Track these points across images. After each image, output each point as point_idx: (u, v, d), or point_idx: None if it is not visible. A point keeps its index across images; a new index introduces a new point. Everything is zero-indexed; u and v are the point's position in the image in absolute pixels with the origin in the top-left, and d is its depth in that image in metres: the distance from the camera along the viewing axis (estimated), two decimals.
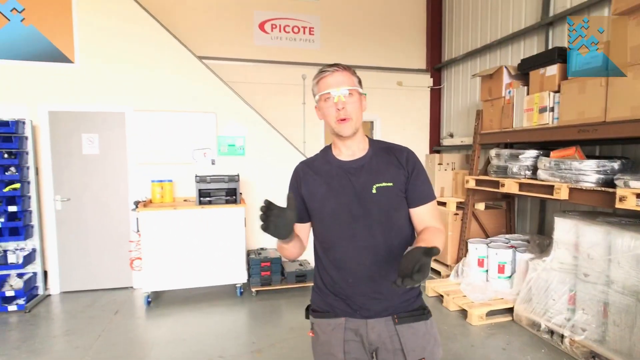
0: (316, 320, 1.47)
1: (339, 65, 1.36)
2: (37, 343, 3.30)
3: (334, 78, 1.32)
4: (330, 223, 1.38)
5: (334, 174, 1.40)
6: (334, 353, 1.39)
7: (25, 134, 4.07)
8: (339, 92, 1.31)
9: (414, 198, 1.39)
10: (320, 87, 1.35)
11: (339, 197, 1.37)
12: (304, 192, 1.43)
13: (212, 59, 5.23)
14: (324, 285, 1.44)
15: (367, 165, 1.39)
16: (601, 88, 2.95)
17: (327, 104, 1.34)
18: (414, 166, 1.40)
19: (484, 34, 5.27)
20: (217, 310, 3.98)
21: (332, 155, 1.44)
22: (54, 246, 4.38)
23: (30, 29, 4.18)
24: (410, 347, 1.36)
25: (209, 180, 4.19)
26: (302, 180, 1.45)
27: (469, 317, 3.62)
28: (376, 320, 1.38)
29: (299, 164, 1.52)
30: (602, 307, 2.91)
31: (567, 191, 3.11)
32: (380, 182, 1.35)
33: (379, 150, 1.43)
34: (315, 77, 1.38)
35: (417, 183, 1.39)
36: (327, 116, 1.36)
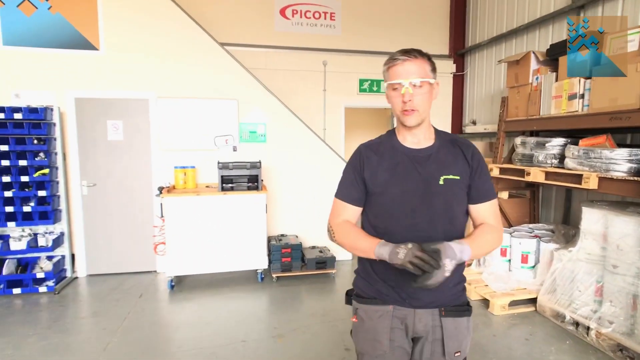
0: (361, 305, 1.45)
1: (412, 52, 1.30)
2: (67, 323, 3.42)
3: (405, 67, 1.28)
4: (391, 209, 1.35)
5: (399, 160, 1.37)
6: (380, 340, 1.39)
7: (54, 120, 4.16)
8: (407, 83, 1.27)
9: (477, 195, 1.39)
10: (389, 74, 1.32)
11: (403, 184, 1.34)
12: (366, 176, 1.39)
13: (233, 45, 5.23)
14: (374, 271, 1.42)
15: (435, 155, 1.37)
16: (637, 74, 2.84)
17: (395, 93, 1.31)
18: (479, 163, 1.39)
19: (510, 18, 5.11)
20: (238, 295, 4.05)
21: (397, 140, 1.41)
22: (81, 230, 4.51)
23: (57, 17, 4.23)
24: (449, 340, 1.37)
25: (231, 166, 4.22)
26: (365, 162, 1.40)
27: (491, 306, 3.59)
28: (424, 311, 1.38)
29: (362, 146, 1.47)
30: (632, 300, 2.85)
31: (596, 180, 3.03)
32: (448, 174, 1.34)
33: (445, 142, 1.41)
34: (386, 63, 1.33)
35: (481, 181, 1.38)
36: (394, 105, 1.34)
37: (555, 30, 4.40)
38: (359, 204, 1.43)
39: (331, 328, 3.34)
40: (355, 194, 1.42)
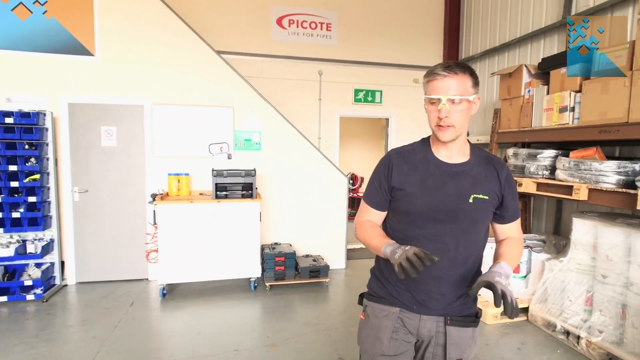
0: (371, 303, 1.49)
1: (453, 68, 1.28)
2: (55, 332, 3.35)
3: (444, 83, 1.27)
4: (416, 219, 1.35)
5: (432, 172, 1.37)
6: (381, 338, 1.43)
7: (46, 125, 4.12)
8: (445, 100, 1.26)
9: (507, 216, 1.43)
10: (428, 88, 1.31)
11: (431, 196, 1.34)
12: (395, 182, 1.39)
13: (229, 53, 5.26)
14: (389, 273, 1.44)
15: (469, 172, 1.37)
16: (625, 88, 2.92)
17: (432, 107, 1.31)
18: (511, 185, 1.41)
19: (503, 32, 5.22)
20: (231, 304, 4.01)
21: (431, 151, 1.41)
22: (71, 237, 4.44)
23: (52, 22, 4.22)
24: (451, 347, 1.39)
25: (226, 174, 4.21)
26: (394, 169, 1.40)
27: (483, 315, 3.61)
28: (430, 318, 1.40)
29: (392, 152, 1.46)
30: (621, 309, 2.89)
31: (586, 192, 3.09)
32: (479, 193, 1.35)
33: (480, 159, 1.41)
34: (426, 76, 1.33)
35: (511, 203, 1.41)
36: (430, 118, 1.34)
37: (546, 44, 4.50)
38: (381, 209, 1.46)
39: (324, 337, 3.32)
40: (377, 199, 1.45)
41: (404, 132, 6.18)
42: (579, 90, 3.34)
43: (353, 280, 4.80)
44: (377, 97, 6.00)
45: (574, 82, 3.37)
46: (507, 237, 1.45)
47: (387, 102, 6.06)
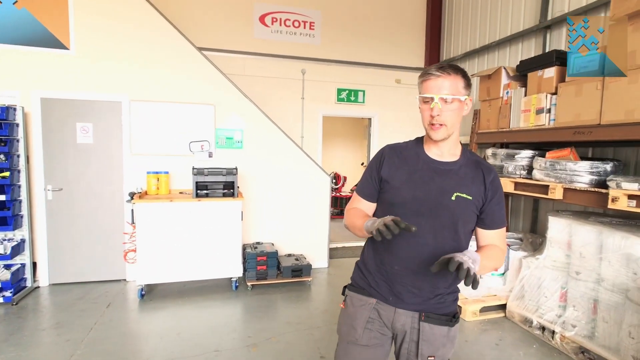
0: (351, 293, 1.55)
1: (447, 69, 1.33)
2: (26, 336, 3.22)
3: (437, 83, 1.32)
4: (399, 210, 1.38)
5: (419, 167, 1.42)
6: (355, 327, 1.47)
7: (17, 120, 3.96)
8: (437, 99, 1.30)
9: (491, 222, 1.44)
10: (422, 88, 1.36)
11: (416, 189, 1.39)
12: (383, 175, 1.45)
13: (211, 50, 5.19)
14: (371, 264, 1.49)
15: (455, 171, 1.41)
16: (597, 91, 3.02)
17: (425, 106, 1.36)
18: (497, 190, 1.43)
19: (482, 34, 5.33)
20: (212, 304, 3.95)
21: (423, 149, 1.46)
22: (44, 237, 4.28)
23: (23, 12, 4.05)
24: (424, 343, 1.41)
25: (207, 172, 4.15)
26: (385, 161, 1.47)
27: (462, 313, 3.68)
28: (404, 312, 1.42)
29: (386, 146, 1.53)
30: (592, 304, 3.00)
31: (561, 191, 3.19)
32: (462, 193, 1.38)
33: (469, 162, 1.45)
34: (421, 76, 1.38)
35: (497, 208, 1.43)
36: (423, 117, 1.39)
37: (524, 47, 4.63)
38: (371, 200, 1.51)
39: (306, 336, 3.31)
40: (368, 190, 1.51)
41: (387, 132, 6.24)
42: (554, 93, 3.44)
43: (335, 279, 4.81)
44: (360, 96, 6.03)
45: (550, 84, 3.48)
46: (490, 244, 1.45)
47: (370, 102, 6.10)
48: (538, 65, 3.65)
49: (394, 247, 1.41)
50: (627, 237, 2.76)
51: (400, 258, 1.40)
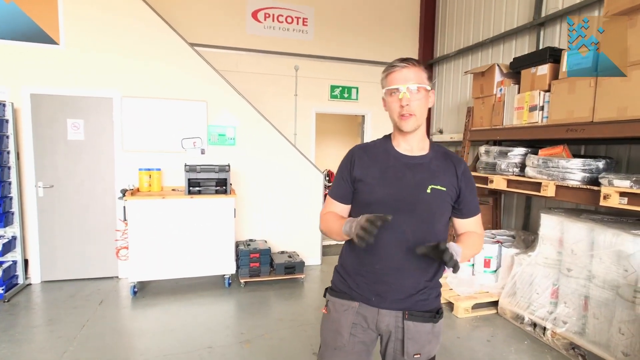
0: (332, 298, 1.52)
1: (410, 60, 1.36)
2: (18, 333, 3.21)
3: (402, 74, 1.34)
4: (375, 210, 1.36)
5: (391, 164, 1.42)
6: (341, 332, 1.45)
7: (6, 116, 3.91)
8: (405, 88, 1.32)
9: (467, 211, 1.46)
10: (388, 81, 1.37)
11: (390, 187, 1.39)
12: (356, 175, 1.44)
13: (203, 46, 5.14)
14: (351, 266, 1.48)
15: (427, 164, 1.43)
16: (590, 89, 3.02)
17: (393, 98, 1.36)
18: (469, 180, 1.46)
19: (476, 31, 5.32)
20: (204, 301, 3.95)
21: (392, 145, 1.47)
22: (35, 234, 4.25)
23: (11, 7, 3.99)
24: (409, 341, 1.41)
25: (199, 169, 4.13)
26: (356, 162, 1.46)
27: (455, 309, 3.69)
28: (388, 312, 1.42)
29: (355, 147, 1.53)
30: (583, 301, 3.02)
31: (554, 188, 3.20)
32: (436, 185, 1.39)
33: (438, 154, 1.47)
34: (385, 70, 1.39)
35: (470, 196, 1.46)
36: (391, 110, 1.38)
37: (518, 44, 4.62)
38: (345, 201, 1.50)
39: (299, 333, 3.32)
40: (341, 192, 1.50)
41: (380, 129, 6.22)
42: (548, 90, 3.44)
43: (328, 276, 4.80)
44: (354, 93, 6.02)
45: (544, 82, 3.47)
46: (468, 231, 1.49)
47: (363, 99, 6.08)
48: (532, 63, 3.64)
49: (373, 246, 1.39)
50: (618, 235, 2.78)
51: (380, 257, 1.39)
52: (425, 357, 1.43)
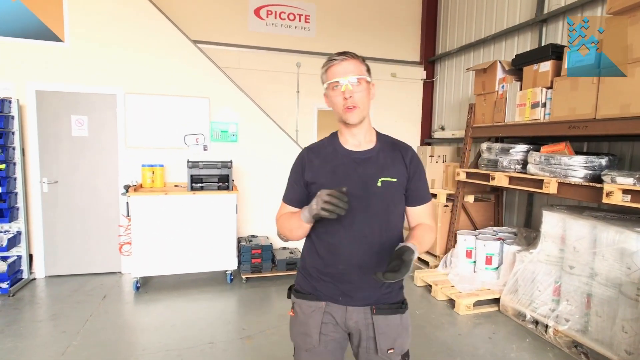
0: (298, 300, 1.49)
1: (348, 53, 1.36)
2: (22, 327, 3.24)
3: (342, 67, 1.33)
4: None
5: (340, 162, 1.41)
6: (310, 334, 1.43)
7: (12, 113, 3.95)
8: (346, 80, 1.31)
9: (415, 198, 1.44)
10: (328, 75, 1.36)
11: (342, 185, 1.35)
12: (308, 177, 1.43)
13: (205, 43, 5.16)
14: (313, 268, 1.46)
15: (375, 157, 1.41)
16: (593, 85, 3.01)
17: (335, 92, 1.35)
18: (417, 167, 1.44)
19: (478, 28, 5.30)
20: (206, 297, 3.97)
21: (339, 143, 1.45)
22: (40, 229, 4.29)
23: (17, 5, 4.02)
24: (382, 337, 1.40)
25: (202, 166, 4.14)
26: (306, 165, 1.45)
27: (456, 306, 3.69)
28: (355, 309, 1.41)
29: (304, 150, 1.52)
30: (586, 299, 3.00)
31: (556, 185, 3.19)
32: (386, 177, 1.38)
33: (385, 145, 1.46)
34: (324, 65, 1.38)
35: (419, 184, 1.44)
36: (335, 104, 1.37)
37: (520, 41, 4.60)
38: (299, 205, 1.46)
39: None
40: (294, 196, 1.48)
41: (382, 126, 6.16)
42: (550, 87, 3.43)
43: None
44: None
45: (546, 79, 3.46)
46: (420, 222, 1.46)
47: None
48: (534, 59, 3.63)
49: (332, 247, 1.39)
50: (621, 232, 2.76)
51: (342, 256, 1.38)
52: (398, 352, 1.43)
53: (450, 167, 5.03)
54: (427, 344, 3.11)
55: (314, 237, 1.44)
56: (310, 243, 1.48)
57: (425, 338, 3.20)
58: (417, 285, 4.29)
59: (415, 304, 3.83)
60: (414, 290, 4.18)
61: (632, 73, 2.72)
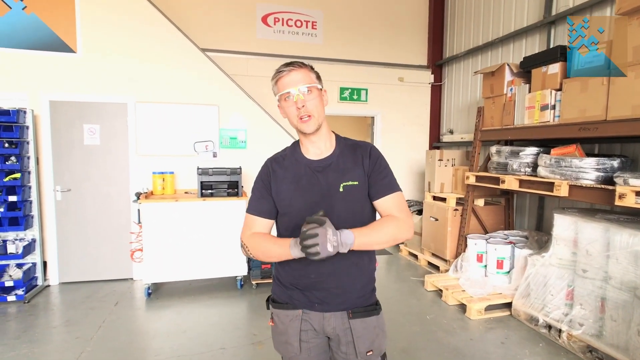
0: (275, 310, 1.50)
1: (295, 63, 1.36)
2: (37, 333, 3.29)
3: (291, 77, 1.33)
4: (298, 221, 1.31)
5: (303, 172, 1.41)
6: (291, 342, 1.44)
7: (27, 123, 4.04)
8: (297, 90, 1.31)
9: (376, 191, 1.41)
10: (279, 87, 1.35)
11: (306, 195, 1.38)
12: (272, 188, 1.43)
13: (214, 51, 5.23)
14: (286, 279, 1.46)
15: (335, 164, 1.41)
16: (603, 87, 2.98)
17: (288, 103, 1.34)
18: (376, 161, 1.42)
19: (486, 31, 5.29)
20: (217, 303, 3.99)
21: (301, 153, 1.45)
22: (54, 237, 4.37)
23: (32, 17, 4.14)
24: (360, 340, 1.41)
25: (211, 172, 4.19)
26: (271, 176, 1.44)
27: (467, 311, 3.66)
28: (332, 314, 1.42)
29: (268, 161, 1.50)
30: (600, 303, 2.96)
31: (567, 188, 3.16)
32: (347, 181, 1.38)
33: (345, 148, 1.45)
34: (273, 77, 1.37)
35: (378, 177, 1.41)
36: (289, 115, 1.36)
37: (528, 43, 4.58)
38: (269, 217, 1.45)
39: None
40: (263, 207, 1.44)
41: (390, 130, 6.23)
42: (559, 89, 3.40)
43: None
44: (363, 95, 6.03)
45: (555, 81, 3.44)
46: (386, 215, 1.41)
47: (373, 100, 6.09)
48: (542, 61, 3.61)
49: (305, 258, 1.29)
50: (635, 235, 2.72)
51: (314, 266, 1.37)
52: (377, 353, 1.44)
53: (460, 170, 5.01)
54: (439, 349, 3.08)
55: None
56: None
57: (437, 343, 3.17)
58: (428, 290, 4.27)
59: (426, 309, 3.81)
60: (424, 295, 4.15)
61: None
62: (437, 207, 4.99)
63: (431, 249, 5.13)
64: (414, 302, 3.98)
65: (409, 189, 6.41)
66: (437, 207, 4.99)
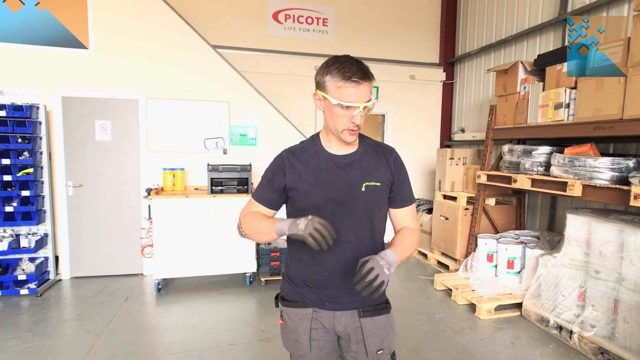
0: (285, 308, 1.49)
1: (367, 75, 1.26)
2: (49, 327, 3.34)
3: (359, 90, 1.24)
4: (314, 214, 1.26)
5: (323, 166, 1.37)
6: (301, 341, 1.44)
7: (39, 119, 4.09)
8: (362, 107, 1.25)
9: (399, 200, 1.44)
10: (342, 93, 1.24)
11: (326, 190, 1.35)
12: (288, 181, 1.38)
13: (225, 48, 5.24)
14: (298, 276, 1.45)
15: (358, 162, 1.39)
16: (619, 85, 2.93)
17: (344, 112, 1.27)
18: (400, 169, 1.44)
19: (499, 28, 5.23)
20: (226, 299, 4.01)
21: (322, 146, 1.41)
22: (65, 231, 4.42)
23: (44, 14, 4.17)
24: (371, 339, 1.41)
25: (221, 169, 4.20)
26: (287, 169, 1.39)
27: (477, 311, 3.63)
28: (343, 313, 1.41)
29: (285, 151, 1.45)
30: (613, 304, 2.92)
31: (580, 188, 3.11)
32: (370, 181, 1.37)
33: (368, 148, 1.44)
34: (341, 79, 1.24)
35: (402, 187, 1.44)
36: (337, 122, 1.30)
37: (542, 41, 4.51)
38: (271, 207, 1.43)
39: None
40: (267, 196, 1.42)
41: (400, 128, 6.19)
42: (574, 87, 3.35)
43: None
44: (374, 93, 5.99)
45: (570, 79, 3.38)
46: (404, 225, 1.46)
47: (384, 98, 6.05)
48: (557, 59, 3.55)
49: (316, 254, 1.32)
50: None
51: (327, 264, 1.37)
52: (387, 352, 1.44)
53: (471, 169, 4.96)
54: (448, 348, 3.07)
55: (297, 244, 1.37)
56: (293, 250, 1.46)
57: (446, 342, 3.15)
58: (437, 289, 4.24)
59: (435, 308, 3.79)
60: (433, 294, 4.13)
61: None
62: (447, 206, 4.96)
63: (441, 248, 5.10)
64: (423, 301, 3.96)
65: (419, 187, 6.37)
66: (447, 206, 4.96)
